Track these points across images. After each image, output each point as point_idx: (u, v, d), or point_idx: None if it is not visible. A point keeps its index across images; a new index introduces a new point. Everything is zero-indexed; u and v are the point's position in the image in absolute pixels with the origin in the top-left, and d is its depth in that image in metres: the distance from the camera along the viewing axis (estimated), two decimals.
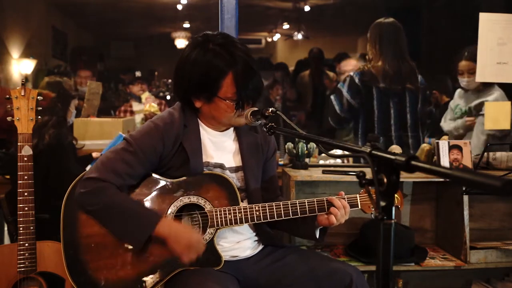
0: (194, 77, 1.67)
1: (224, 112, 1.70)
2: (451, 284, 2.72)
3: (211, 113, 1.73)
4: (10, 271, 1.98)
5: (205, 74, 1.65)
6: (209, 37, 1.70)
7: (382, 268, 0.98)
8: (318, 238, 1.77)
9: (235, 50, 1.65)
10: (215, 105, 1.70)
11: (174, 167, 1.72)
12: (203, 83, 1.67)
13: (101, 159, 1.69)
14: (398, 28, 3.22)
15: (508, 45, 2.97)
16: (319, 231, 1.77)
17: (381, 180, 0.97)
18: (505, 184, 0.74)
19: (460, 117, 3.48)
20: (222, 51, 1.65)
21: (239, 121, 1.74)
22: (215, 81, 1.65)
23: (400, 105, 3.21)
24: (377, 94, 3.17)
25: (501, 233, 2.73)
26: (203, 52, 1.66)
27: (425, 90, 3.31)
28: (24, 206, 1.96)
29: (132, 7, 7.06)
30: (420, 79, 3.25)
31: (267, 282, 1.74)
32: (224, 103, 1.67)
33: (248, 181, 1.79)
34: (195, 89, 1.69)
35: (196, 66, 1.67)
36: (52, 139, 2.64)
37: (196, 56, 1.67)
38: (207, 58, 1.65)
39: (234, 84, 1.64)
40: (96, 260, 1.66)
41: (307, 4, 7.11)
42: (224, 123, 1.77)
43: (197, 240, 1.63)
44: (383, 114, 3.21)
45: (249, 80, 1.66)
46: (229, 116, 1.71)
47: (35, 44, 6.46)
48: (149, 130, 1.71)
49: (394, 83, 3.18)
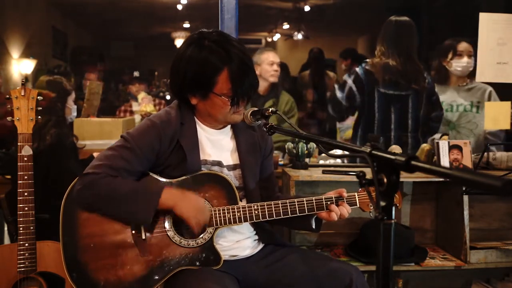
0: (189, 73, 1.68)
1: (219, 108, 1.70)
2: (451, 284, 2.72)
3: (207, 110, 1.74)
4: (10, 271, 1.98)
5: (201, 71, 1.66)
6: (205, 35, 1.71)
7: (382, 268, 0.98)
8: (314, 228, 1.78)
9: (230, 47, 1.66)
10: (210, 101, 1.70)
11: (171, 165, 1.72)
12: (199, 79, 1.67)
13: (98, 157, 1.70)
14: (410, 26, 3.20)
15: (508, 45, 2.97)
16: (314, 221, 1.78)
17: (381, 180, 0.97)
18: (505, 184, 0.74)
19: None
20: (217, 48, 1.66)
21: (234, 118, 1.74)
22: (211, 77, 1.65)
23: (403, 106, 3.19)
24: (379, 96, 3.17)
25: (501, 233, 2.74)
26: (198, 49, 1.67)
27: (432, 90, 3.27)
28: (24, 206, 1.96)
29: (132, 7, 7.06)
30: (428, 80, 3.23)
31: (267, 281, 1.73)
32: (219, 99, 1.68)
33: (246, 179, 1.80)
34: (191, 86, 1.70)
35: (191, 63, 1.67)
36: (54, 139, 2.63)
37: (191, 53, 1.68)
38: (203, 55, 1.66)
39: (230, 81, 1.65)
40: (96, 260, 1.66)
41: (307, 4, 7.11)
42: (220, 120, 1.76)
43: (203, 204, 1.65)
44: (383, 114, 3.20)
45: (245, 77, 1.66)
46: (225, 112, 1.71)
47: (35, 44, 6.47)
48: (146, 127, 1.71)
49: (400, 82, 3.16)
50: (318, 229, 1.80)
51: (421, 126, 3.24)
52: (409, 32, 3.19)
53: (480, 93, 3.30)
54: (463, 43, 3.28)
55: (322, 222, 1.80)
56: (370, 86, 3.18)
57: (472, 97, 3.32)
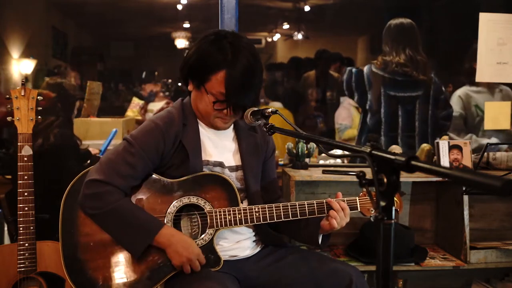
0: (193, 58, 1.69)
1: (205, 105, 1.70)
2: (451, 284, 2.72)
3: (195, 101, 1.74)
4: (10, 271, 1.98)
5: (202, 61, 1.67)
6: (227, 34, 1.70)
7: (382, 268, 0.98)
8: (320, 244, 1.76)
9: (241, 56, 1.64)
10: (200, 94, 1.71)
11: (174, 165, 1.72)
12: (197, 68, 1.68)
13: (103, 161, 1.68)
14: (412, 27, 3.19)
15: (508, 45, 2.97)
16: (321, 238, 1.76)
17: (381, 180, 0.97)
18: (505, 184, 0.74)
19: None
20: (228, 49, 1.65)
21: (216, 123, 1.73)
22: (207, 72, 1.65)
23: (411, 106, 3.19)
24: (385, 98, 3.16)
25: (501, 233, 2.74)
26: (212, 42, 1.67)
27: (438, 88, 3.24)
28: (24, 206, 1.96)
29: (132, 7, 7.05)
30: (435, 80, 3.22)
31: (267, 282, 1.73)
32: (206, 96, 1.68)
33: (248, 181, 1.79)
34: (190, 70, 1.71)
35: (200, 50, 1.69)
36: (57, 139, 2.64)
37: (205, 42, 1.69)
38: (212, 49, 1.66)
39: (223, 84, 1.63)
40: (95, 259, 1.66)
41: (307, 4, 7.11)
42: (204, 117, 1.75)
43: (197, 254, 1.64)
44: (388, 116, 3.20)
45: (240, 90, 1.64)
46: (208, 111, 1.70)
47: (35, 44, 6.46)
48: (150, 129, 1.71)
49: (405, 82, 3.15)
50: (324, 245, 1.78)
51: (431, 125, 3.23)
52: (411, 32, 3.19)
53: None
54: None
55: (329, 239, 1.79)
56: (376, 87, 3.18)
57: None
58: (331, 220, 1.68)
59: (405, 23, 3.20)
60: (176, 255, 1.63)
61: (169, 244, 1.62)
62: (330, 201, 1.70)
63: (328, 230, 1.71)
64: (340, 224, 1.69)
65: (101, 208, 1.62)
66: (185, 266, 1.64)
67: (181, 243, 1.63)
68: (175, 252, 1.62)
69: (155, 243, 1.62)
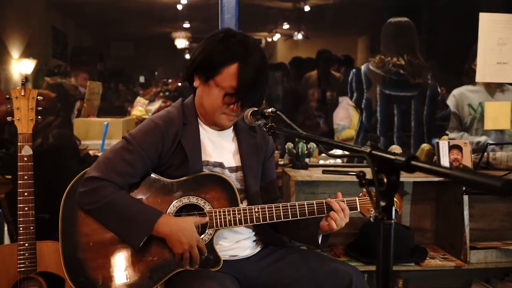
0: (203, 52, 1.69)
1: (213, 99, 1.69)
2: (451, 284, 2.72)
3: (202, 97, 1.73)
4: (10, 271, 1.98)
5: (213, 55, 1.66)
6: (237, 34, 1.71)
7: (382, 268, 0.98)
8: (320, 244, 1.76)
9: (252, 51, 1.65)
10: (208, 88, 1.69)
11: (173, 165, 1.72)
12: (207, 62, 1.67)
13: (101, 159, 1.68)
14: (410, 27, 3.19)
15: (508, 45, 2.96)
16: (321, 238, 1.76)
17: (381, 180, 0.97)
18: (505, 184, 0.74)
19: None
20: (239, 45, 1.65)
21: (221, 119, 1.73)
22: (218, 66, 1.65)
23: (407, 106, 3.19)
24: (382, 96, 3.16)
25: (501, 233, 2.74)
26: (222, 40, 1.68)
27: (435, 89, 3.25)
28: (24, 206, 1.96)
29: (132, 7, 7.06)
30: (431, 81, 3.21)
31: (267, 282, 1.73)
32: (216, 90, 1.67)
33: (247, 181, 1.79)
34: (199, 64, 1.69)
35: (209, 46, 1.68)
36: (56, 140, 2.64)
37: (215, 37, 1.69)
38: (224, 44, 1.66)
39: (235, 78, 1.63)
40: (95, 259, 1.66)
41: (307, 4, 7.12)
42: (209, 113, 1.73)
43: (197, 239, 1.64)
44: (384, 115, 3.20)
45: (252, 84, 1.65)
46: (215, 106, 1.69)
47: (35, 44, 6.47)
48: (149, 128, 1.70)
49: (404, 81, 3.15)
50: (324, 246, 1.78)
51: (426, 126, 3.23)
52: (408, 32, 3.18)
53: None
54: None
55: (328, 239, 1.79)
56: (373, 85, 3.18)
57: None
58: (330, 221, 1.67)
59: (403, 22, 3.20)
60: (177, 243, 1.62)
61: (170, 233, 1.62)
62: (330, 201, 1.70)
63: (327, 230, 1.70)
64: (340, 224, 1.69)
65: (97, 203, 1.61)
66: (185, 254, 1.63)
67: (182, 230, 1.62)
68: (176, 240, 1.62)
69: (155, 232, 1.62)
